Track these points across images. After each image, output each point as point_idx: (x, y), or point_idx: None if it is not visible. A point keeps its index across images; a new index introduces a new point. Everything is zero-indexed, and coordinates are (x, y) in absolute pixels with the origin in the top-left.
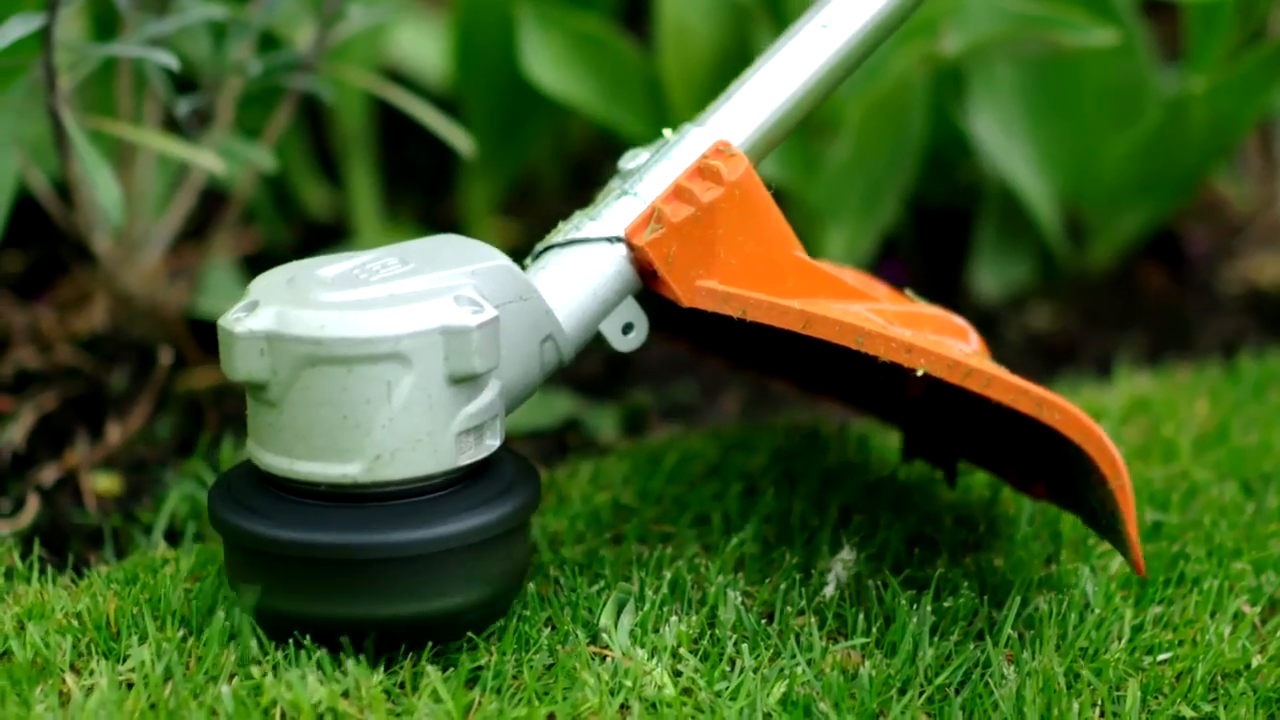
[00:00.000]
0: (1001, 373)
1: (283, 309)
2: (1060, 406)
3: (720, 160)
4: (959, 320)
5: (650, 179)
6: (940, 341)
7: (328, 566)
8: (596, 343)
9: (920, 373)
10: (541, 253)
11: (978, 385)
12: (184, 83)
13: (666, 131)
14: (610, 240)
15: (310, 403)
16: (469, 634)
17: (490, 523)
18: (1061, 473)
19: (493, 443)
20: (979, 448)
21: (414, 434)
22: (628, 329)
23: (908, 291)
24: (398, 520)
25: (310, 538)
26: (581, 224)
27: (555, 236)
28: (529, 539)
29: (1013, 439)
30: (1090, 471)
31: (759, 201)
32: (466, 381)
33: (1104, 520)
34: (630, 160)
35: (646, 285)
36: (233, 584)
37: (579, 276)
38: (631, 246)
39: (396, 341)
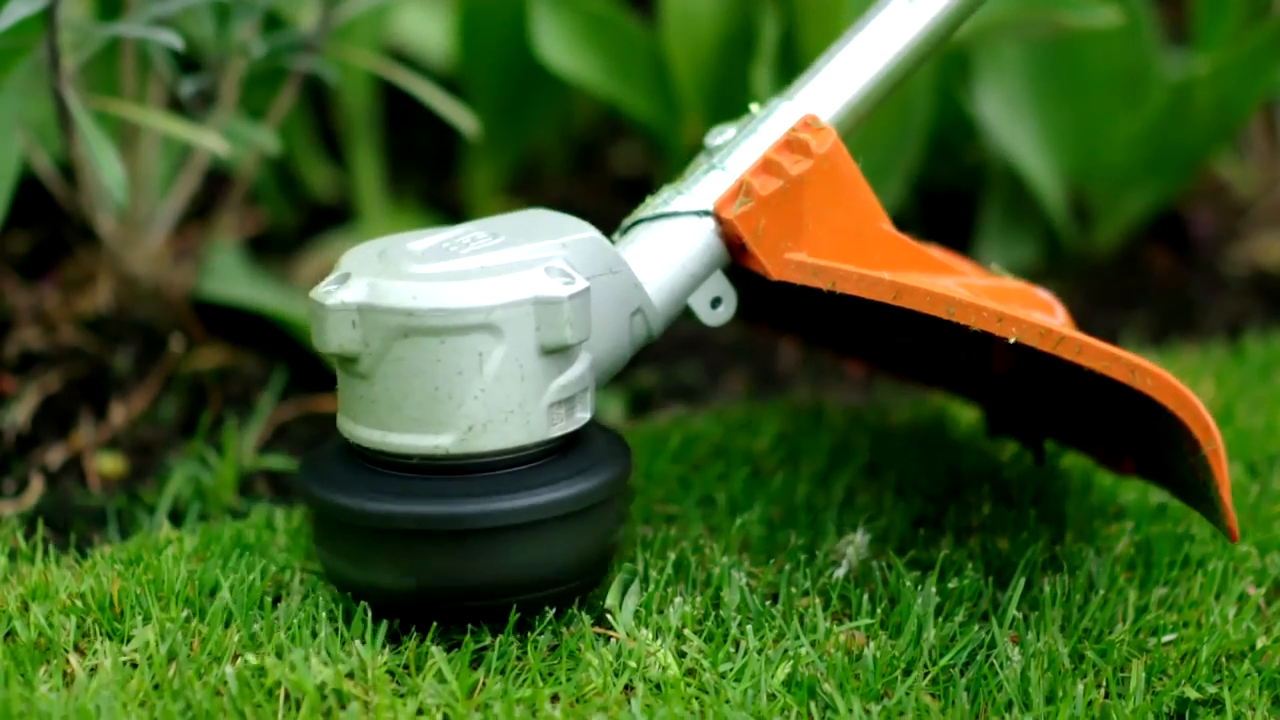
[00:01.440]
0: (1092, 340)
1: (375, 281)
2: (1153, 372)
3: (809, 134)
4: (1045, 294)
5: (738, 153)
6: (1030, 312)
7: (421, 538)
8: (685, 317)
9: (1012, 341)
10: (629, 227)
11: (1069, 352)
12: (188, 63)
13: (754, 106)
14: (699, 214)
15: (402, 374)
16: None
17: (583, 493)
18: (1150, 445)
19: (583, 415)
20: (1065, 425)
21: (505, 405)
22: (716, 303)
23: (993, 266)
24: (491, 490)
25: (404, 509)
26: (670, 198)
27: (643, 211)
28: (621, 512)
29: (1100, 414)
30: (1181, 440)
31: (847, 175)
32: (558, 353)
33: (1194, 490)
34: (716, 136)
35: (734, 259)
36: (320, 558)
37: (667, 250)
38: (720, 220)
39: (488, 312)
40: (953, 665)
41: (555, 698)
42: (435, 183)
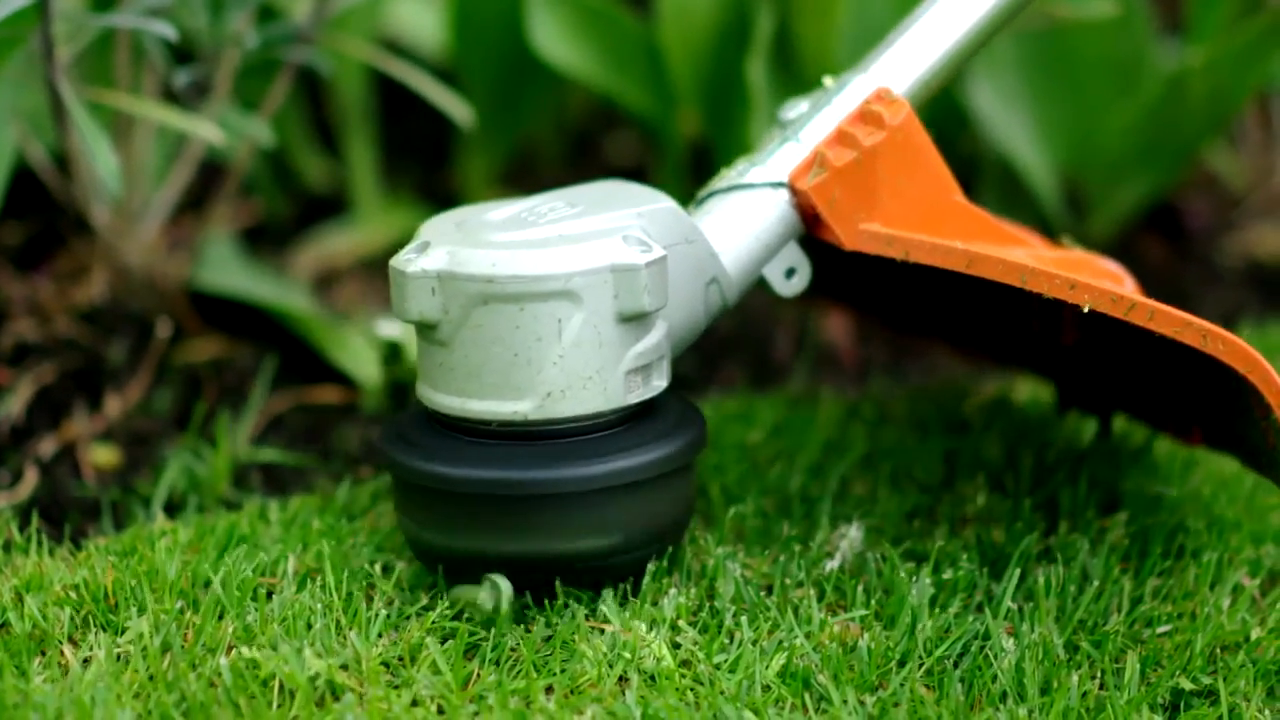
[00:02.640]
0: (1164, 306)
1: (454, 249)
2: (1225, 337)
3: (882, 106)
4: (1114, 266)
5: (813, 125)
6: (1100, 280)
7: (500, 502)
8: (759, 287)
9: (1086, 309)
10: (704, 199)
11: (1141, 318)
12: (182, 54)
13: (827, 80)
14: (773, 185)
15: (482, 341)
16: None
17: (661, 459)
18: (1219, 413)
19: (659, 383)
20: (1133, 396)
21: (584, 371)
22: (790, 273)
23: (1065, 239)
24: (570, 456)
25: (484, 474)
26: (745, 170)
27: (718, 183)
28: (694, 480)
29: (1169, 383)
30: (1252, 407)
31: (920, 146)
32: (635, 320)
33: (1265, 457)
34: (790, 110)
35: (809, 230)
36: (401, 524)
37: (743, 221)
38: (795, 191)
39: (567, 279)
40: (947, 656)
41: (550, 689)
42: (430, 173)
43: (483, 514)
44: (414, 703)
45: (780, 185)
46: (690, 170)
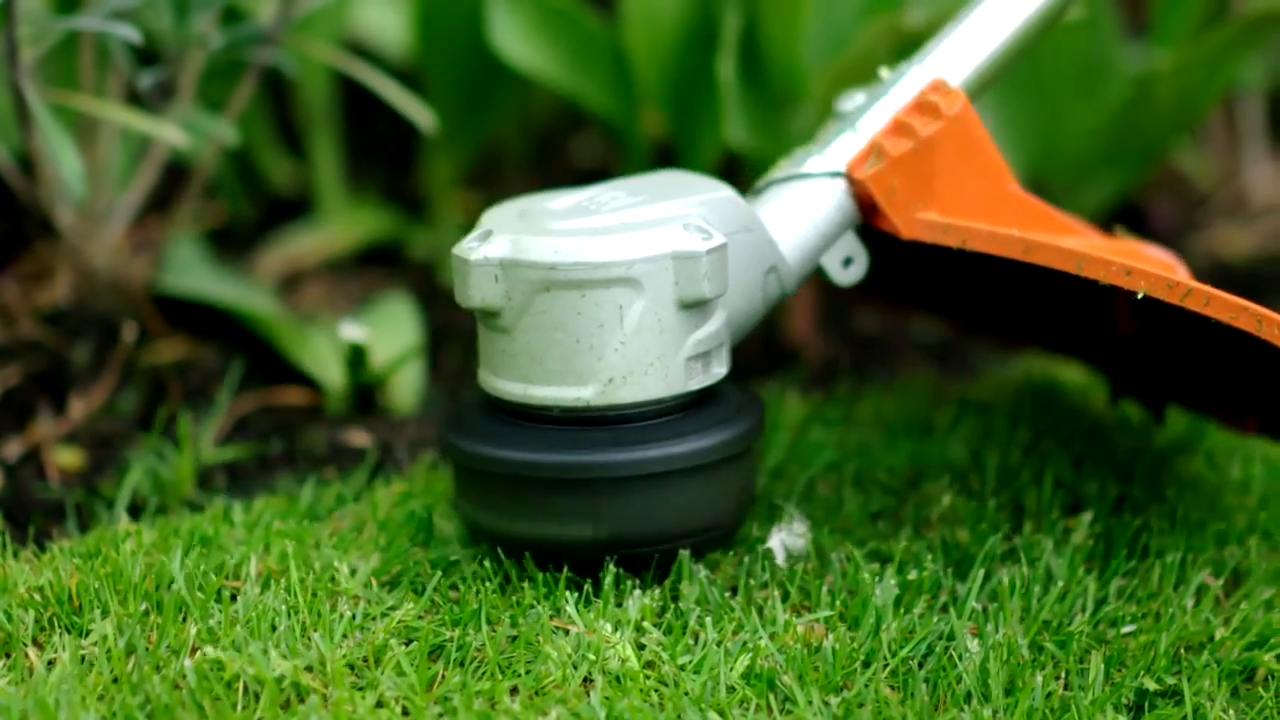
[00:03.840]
0: (1219, 292)
1: (517, 237)
2: None
3: (939, 96)
4: (1166, 254)
5: (870, 116)
6: (1155, 267)
7: (563, 487)
8: (817, 276)
9: (1140, 295)
10: (763, 188)
11: (1197, 304)
12: (147, 56)
13: (883, 71)
14: (831, 175)
15: (544, 327)
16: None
17: (723, 443)
18: (1275, 401)
19: (719, 370)
20: (1188, 386)
21: (645, 358)
22: (848, 262)
23: (1118, 229)
24: (632, 440)
25: (546, 458)
26: (803, 159)
27: (776, 172)
28: (754, 467)
29: (1224, 372)
30: None
31: (977, 137)
32: (695, 307)
33: None
34: (847, 102)
35: (866, 220)
36: (461, 510)
37: (801, 210)
38: (853, 180)
39: (629, 266)
40: (912, 657)
41: (514, 690)
42: (395, 175)
43: (544, 497)
44: (379, 704)
45: (838, 175)
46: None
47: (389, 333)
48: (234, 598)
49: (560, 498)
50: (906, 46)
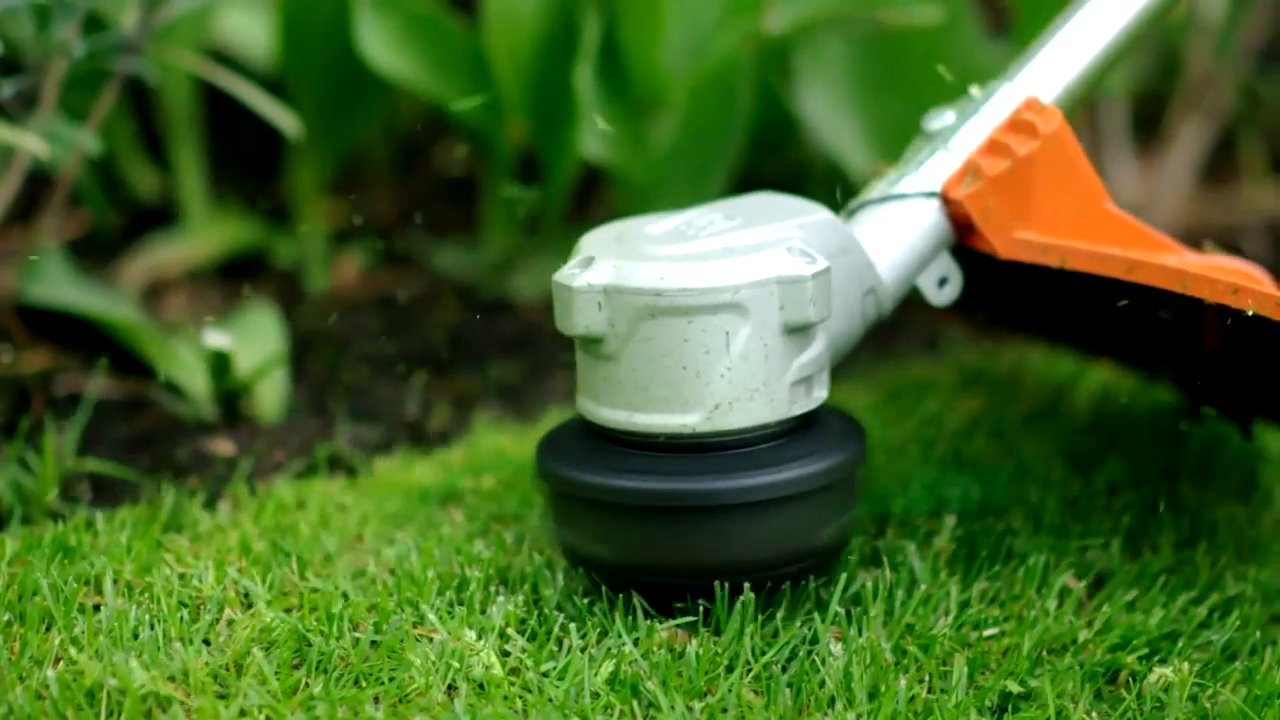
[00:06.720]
0: None
1: (619, 263)
2: None
3: (1034, 115)
4: (1252, 268)
5: (962, 135)
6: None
7: (670, 515)
8: (911, 296)
9: (1250, 313)
10: (856, 209)
11: None
12: (8, 65)
13: (973, 89)
14: (926, 195)
15: (650, 354)
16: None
17: (830, 468)
18: None
19: (821, 394)
20: (1274, 400)
21: (751, 383)
22: (943, 282)
23: (1208, 245)
24: (741, 467)
25: (654, 486)
26: (896, 180)
27: (869, 194)
28: (857, 491)
29: None
30: None
31: (1073, 155)
32: (800, 331)
33: None
34: (935, 121)
35: (960, 239)
36: (560, 537)
37: (897, 230)
38: (948, 200)
39: (735, 291)
40: (775, 662)
41: (377, 698)
42: (258, 183)
43: (652, 526)
44: (242, 713)
45: (933, 195)
46: (520, 180)
47: (253, 341)
48: (96, 608)
49: (678, 526)
50: (768, 53)
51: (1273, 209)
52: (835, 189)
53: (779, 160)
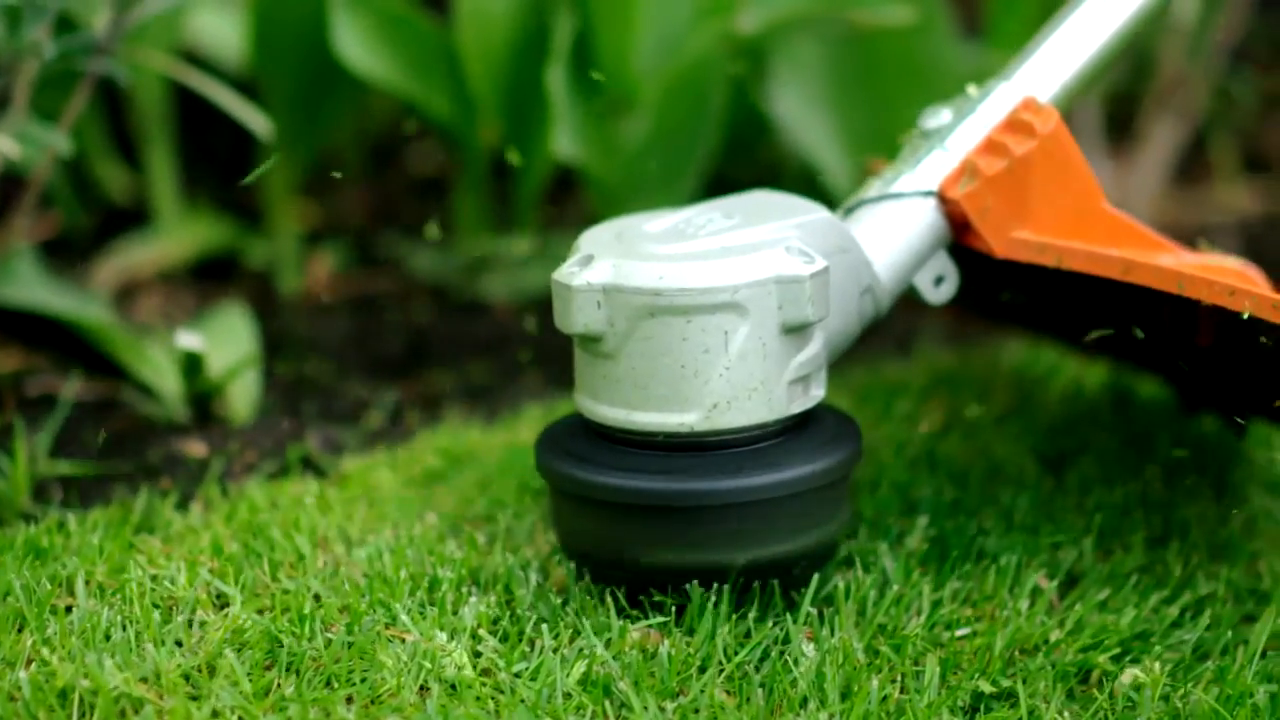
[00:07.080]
0: None
1: (618, 262)
2: None
3: (1031, 114)
4: (1245, 266)
5: (959, 134)
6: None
7: (669, 514)
8: (908, 295)
9: (1246, 315)
10: (854, 208)
11: None
12: None
13: (970, 88)
14: (924, 194)
15: (648, 353)
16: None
17: (829, 467)
18: None
19: (818, 393)
20: (1265, 397)
21: (749, 382)
22: (939, 281)
23: (1202, 242)
24: (738, 466)
25: (652, 485)
26: (894, 179)
27: (867, 192)
28: (851, 492)
29: None
30: None
31: (1070, 155)
32: (798, 331)
33: None
34: (931, 119)
35: (957, 238)
36: (559, 533)
37: (894, 229)
38: (945, 200)
39: (734, 291)
40: (748, 662)
41: (350, 699)
42: (230, 183)
43: (649, 525)
44: (214, 714)
45: (930, 194)
46: (492, 179)
47: (225, 342)
48: (69, 609)
49: (676, 524)
50: (741, 53)
51: (1244, 209)
52: (808, 188)
53: (752, 160)
